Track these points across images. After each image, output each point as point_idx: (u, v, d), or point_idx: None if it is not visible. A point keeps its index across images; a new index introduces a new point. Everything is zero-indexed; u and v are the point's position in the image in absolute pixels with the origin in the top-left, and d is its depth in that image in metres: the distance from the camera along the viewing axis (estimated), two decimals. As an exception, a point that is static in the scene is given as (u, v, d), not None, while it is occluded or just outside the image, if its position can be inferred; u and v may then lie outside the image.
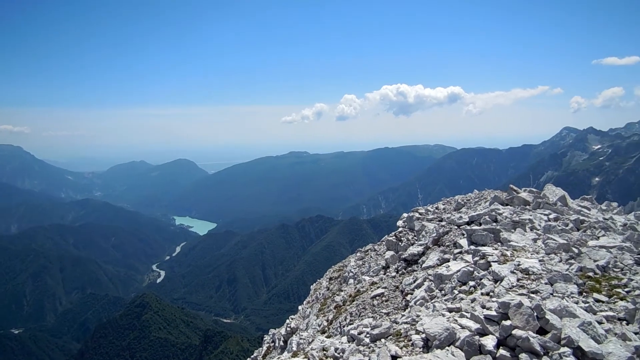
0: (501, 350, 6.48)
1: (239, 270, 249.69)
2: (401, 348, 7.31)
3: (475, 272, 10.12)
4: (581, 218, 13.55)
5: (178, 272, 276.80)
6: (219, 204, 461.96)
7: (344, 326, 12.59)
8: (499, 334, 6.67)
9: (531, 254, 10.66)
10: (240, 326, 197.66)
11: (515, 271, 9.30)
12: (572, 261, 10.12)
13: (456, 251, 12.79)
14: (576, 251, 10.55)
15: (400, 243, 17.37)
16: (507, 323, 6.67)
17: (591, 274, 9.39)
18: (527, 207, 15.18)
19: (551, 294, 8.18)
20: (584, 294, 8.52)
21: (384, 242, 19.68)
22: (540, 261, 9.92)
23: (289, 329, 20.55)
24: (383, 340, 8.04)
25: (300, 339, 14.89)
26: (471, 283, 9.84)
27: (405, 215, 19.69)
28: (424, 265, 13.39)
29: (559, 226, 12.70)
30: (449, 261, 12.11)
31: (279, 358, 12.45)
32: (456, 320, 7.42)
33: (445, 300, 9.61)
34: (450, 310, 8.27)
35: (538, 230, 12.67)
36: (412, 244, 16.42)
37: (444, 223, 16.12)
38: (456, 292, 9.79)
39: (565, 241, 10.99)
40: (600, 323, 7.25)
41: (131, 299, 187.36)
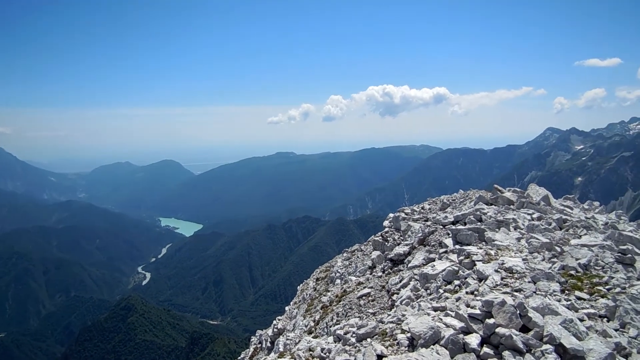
0: (485, 348, 6.56)
1: (225, 271, 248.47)
2: (387, 347, 7.35)
3: (460, 271, 10.21)
4: (564, 217, 13.74)
5: (164, 274, 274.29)
6: (205, 205, 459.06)
7: (330, 326, 12.60)
8: (482, 332, 6.75)
9: (515, 253, 10.79)
10: (227, 328, 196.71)
11: (499, 270, 9.40)
12: (555, 260, 10.27)
13: (441, 251, 12.89)
14: (559, 250, 10.72)
15: (386, 243, 17.42)
16: (491, 321, 6.76)
17: (573, 272, 9.55)
18: (511, 206, 15.35)
19: (534, 292, 8.29)
20: (566, 292, 8.66)
21: (370, 242, 19.72)
22: (523, 260, 10.05)
23: (276, 329, 20.50)
24: (369, 339, 8.06)
25: (287, 339, 14.88)
26: (456, 282, 9.92)
27: (391, 215, 19.75)
28: (409, 265, 13.45)
29: (542, 225, 12.87)
30: (434, 261, 12.18)
31: (266, 359, 12.44)
32: (441, 319, 7.49)
33: (431, 300, 9.69)
34: (436, 310, 8.34)
35: (522, 229, 12.82)
36: (398, 244, 16.48)
37: (429, 223, 16.21)
38: (441, 291, 9.87)
39: (548, 240, 11.15)
40: (581, 320, 7.38)
41: (116, 301, 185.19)
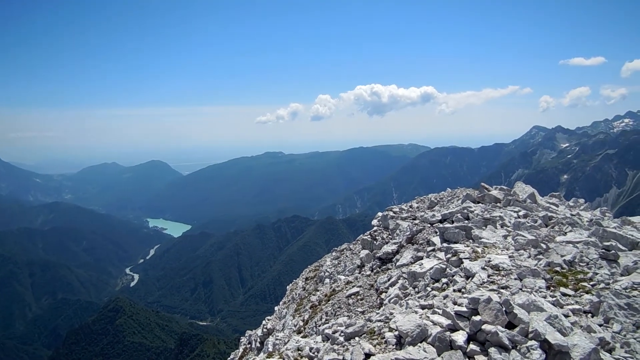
0: (471, 345, 6.62)
1: (214, 272, 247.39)
2: (374, 346, 7.39)
3: (448, 269, 10.28)
4: (549, 214, 13.90)
5: (152, 275, 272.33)
6: (193, 205, 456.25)
7: (319, 326, 12.61)
8: (469, 330, 6.82)
9: (501, 251, 10.89)
10: (217, 328, 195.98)
11: (486, 267, 9.49)
12: (541, 256, 10.39)
13: (429, 249, 12.97)
14: (544, 247, 10.85)
15: (375, 242, 17.49)
16: (477, 318, 6.82)
17: (558, 268, 9.67)
18: (498, 204, 15.49)
19: (520, 289, 8.38)
20: (551, 288, 8.77)
21: (359, 241, 19.77)
22: (510, 257, 10.15)
23: (265, 330, 20.47)
24: (357, 338, 8.10)
25: (276, 339, 14.86)
26: (444, 280, 9.99)
27: (380, 214, 19.82)
28: (398, 264, 13.51)
29: (528, 223, 13.00)
30: (422, 259, 12.25)
31: (255, 359, 12.42)
32: (428, 317, 7.54)
33: (419, 298, 9.74)
34: (423, 308, 8.39)
35: (508, 227, 12.94)
36: (386, 243, 16.54)
37: (417, 221, 16.30)
38: (429, 289, 9.93)
39: (534, 237, 11.27)
40: (566, 316, 7.47)
41: (104, 303, 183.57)
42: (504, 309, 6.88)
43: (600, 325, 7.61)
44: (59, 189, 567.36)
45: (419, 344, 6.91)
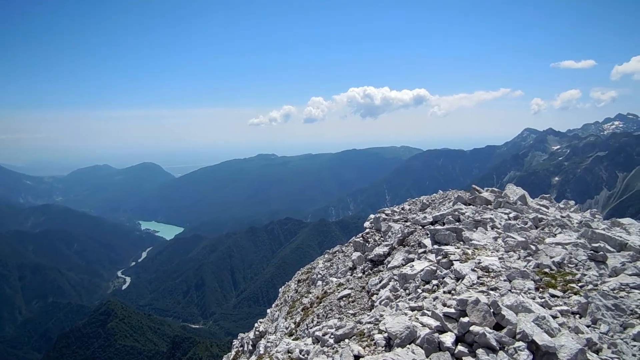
0: (459, 347, 6.65)
1: (207, 274, 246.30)
2: (364, 348, 7.41)
3: (438, 271, 10.32)
4: (539, 216, 14.00)
5: (144, 278, 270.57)
6: (186, 207, 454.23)
7: (310, 328, 12.61)
8: (457, 331, 6.85)
9: (491, 252, 10.95)
10: (209, 331, 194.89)
11: (475, 269, 9.54)
12: (530, 258, 10.46)
13: (420, 251, 13.02)
14: (534, 248, 10.92)
15: (367, 244, 17.51)
16: (465, 320, 6.86)
17: (547, 270, 9.73)
18: (489, 206, 15.58)
19: (509, 290, 8.43)
20: (540, 289, 8.83)
21: (351, 244, 19.80)
22: (499, 259, 10.21)
23: (257, 332, 20.44)
24: (347, 340, 8.11)
25: (268, 342, 14.84)
26: (434, 282, 10.03)
27: (372, 216, 19.87)
28: (389, 266, 13.55)
29: (519, 224, 13.08)
30: (413, 261, 12.29)
31: (246, 362, 12.39)
32: (417, 319, 7.57)
33: (409, 300, 9.78)
34: (413, 309, 8.42)
35: (498, 228, 13.01)
36: (378, 245, 16.58)
37: (409, 223, 16.36)
38: (420, 291, 9.97)
39: (523, 239, 11.34)
40: (554, 317, 7.52)
41: (95, 306, 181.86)
42: (491, 310, 6.92)
43: (588, 326, 7.68)
44: (50, 191, 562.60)
45: (407, 345, 6.94)
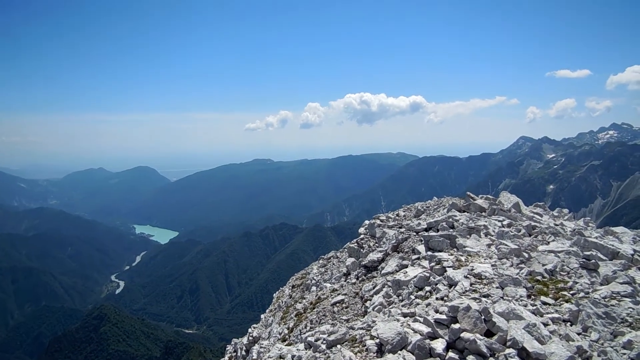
0: (450, 353, 6.68)
1: (201, 279, 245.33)
2: (356, 354, 7.41)
3: (431, 277, 10.35)
4: (533, 224, 14.05)
5: (138, 282, 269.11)
6: (181, 212, 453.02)
7: (303, 333, 12.60)
8: (448, 337, 6.88)
9: (484, 259, 10.99)
10: (203, 336, 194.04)
11: (468, 276, 9.58)
12: (523, 265, 10.51)
13: (414, 257, 13.03)
14: (526, 256, 10.97)
15: (361, 250, 17.53)
16: (456, 326, 6.89)
17: (539, 277, 9.78)
18: (483, 213, 15.63)
19: (501, 297, 8.47)
20: (532, 297, 8.88)
21: (346, 249, 19.82)
22: (492, 266, 10.25)
23: (251, 338, 20.36)
24: (339, 346, 8.12)
25: (261, 347, 14.81)
26: (427, 288, 10.05)
27: (367, 222, 19.90)
28: (383, 272, 13.55)
29: (512, 232, 13.13)
30: (407, 267, 12.31)
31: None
32: (409, 325, 7.59)
33: (402, 306, 9.79)
34: (405, 315, 8.44)
35: (492, 236, 13.06)
36: (372, 251, 16.59)
37: (403, 230, 16.38)
38: (412, 297, 9.98)
39: (516, 246, 11.39)
40: (545, 325, 7.57)
41: (88, 310, 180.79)
42: (482, 317, 6.96)
43: (579, 334, 7.72)
44: (44, 194, 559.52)
45: (399, 351, 6.96)
